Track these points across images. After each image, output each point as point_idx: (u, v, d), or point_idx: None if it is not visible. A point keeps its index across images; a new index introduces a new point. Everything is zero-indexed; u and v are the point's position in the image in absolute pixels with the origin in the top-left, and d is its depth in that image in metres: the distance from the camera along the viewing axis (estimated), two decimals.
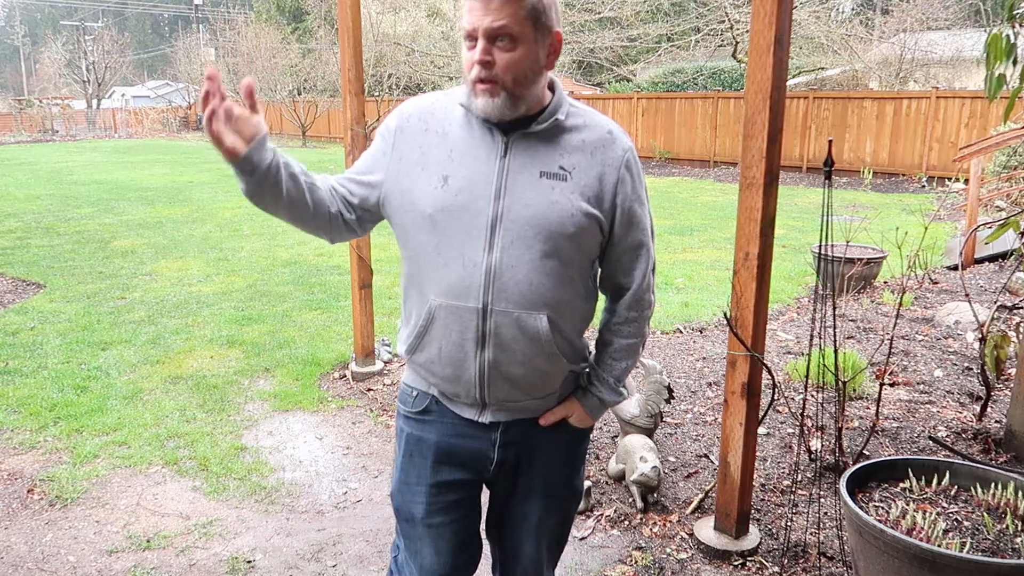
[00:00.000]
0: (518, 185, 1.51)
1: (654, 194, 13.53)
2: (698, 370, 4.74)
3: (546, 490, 1.75)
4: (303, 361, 4.92)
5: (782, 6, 2.40)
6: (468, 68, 1.49)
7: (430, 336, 1.57)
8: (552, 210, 1.51)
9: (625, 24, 22.20)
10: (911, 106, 15.06)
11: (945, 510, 2.38)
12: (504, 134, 1.53)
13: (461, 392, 1.61)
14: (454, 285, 1.52)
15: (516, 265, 1.51)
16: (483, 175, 1.52)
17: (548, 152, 1.54)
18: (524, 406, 1.64)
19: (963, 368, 4.67)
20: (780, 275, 7.05)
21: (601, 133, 1.58)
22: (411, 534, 1.73)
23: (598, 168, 1.56)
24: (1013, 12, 2.95)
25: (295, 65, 28.90)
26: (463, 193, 1.51)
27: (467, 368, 1.56)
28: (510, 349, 1.54)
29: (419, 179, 1.55)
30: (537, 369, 1.58)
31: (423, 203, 1.53)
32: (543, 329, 1.54)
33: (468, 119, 1.56)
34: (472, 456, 1.67)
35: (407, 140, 1.59)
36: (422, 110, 1.61)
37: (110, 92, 41.28)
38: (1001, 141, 7.32)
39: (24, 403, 4.25)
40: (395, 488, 1.74)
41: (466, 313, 1.52)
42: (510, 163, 1.52)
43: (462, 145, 1.54)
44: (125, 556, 2.87)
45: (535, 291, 1.52)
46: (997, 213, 9.84)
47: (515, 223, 1.51)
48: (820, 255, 5.93)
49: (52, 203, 12.12)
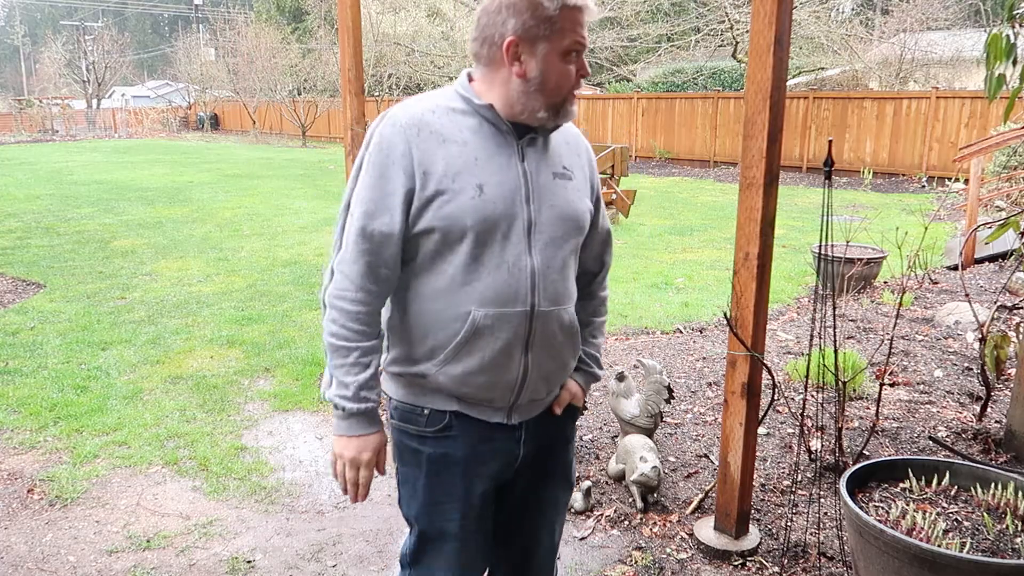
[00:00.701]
0: (541, 187, 1.56)
1: (654, 194, 13.53)
2: (698, 370, 4.74)
3: (560, 472, 1.82)
4: (303, 361, 4.92)
5: (782, 6, 2.40)
6: (571, 83, 1.53)
7: (471, 348, 1.53)
8: (571, 208, 1.60)
9: (625, 24, 22.20)
10: (911, 106, 15.06)
11: (945, 510, 2.38)
12: (518, 138, 1.55)
13: (496, 397, 1.60)
14: (501, 292, 1.51)
15: (551, 265, 1.56)
16: (512, 179, 1.53)
17: (550, 154, 1.60)
18: (545, 401, 1.71)
19: (963, 368, 4.67)
20: (780, 275, 7.05)
21: (573, 132, 1.69)
22: (441, 550, 1.68)
23: (585, 166, 1.68)
24: (1013, 12, 2.95)
25: (295, 65, 28.91)
26: (500, 200, 1.50)
27: (509, 373, 1.57)
28: (550, 347, 1.60)
29: (452, 192, 1.48)
30: (564, 363, 1.67)
31: (462, 215, 1.47)
32: (575, 321, 1.64)
33: (480, 124, 1.54)
34: (502, 459, 1.68)
35: (426, 156, 1.48)
36: (423, 120, 1.51)
37: (110, 92, 41.28)
38: (1001, 141, 7.33)
39: (24, 403, 4.25)
40: (419, 511, 1.67)
41: (516, 318, 1.53)
42: (528, 166, 1.55)
43: (484, 152, 1.52)
44: (125, 556, 2.87)
45: (566, 287, 1.61)
46: (997, 213, 9.85)
47: (547, 224, 1.55)
48: (820, 255, 5.93)
49: (52, 203, 12.12)
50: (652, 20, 23.45)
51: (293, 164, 19.64)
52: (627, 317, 5.84)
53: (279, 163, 19.91)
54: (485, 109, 1.54)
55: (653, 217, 10.97)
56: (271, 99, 29.93)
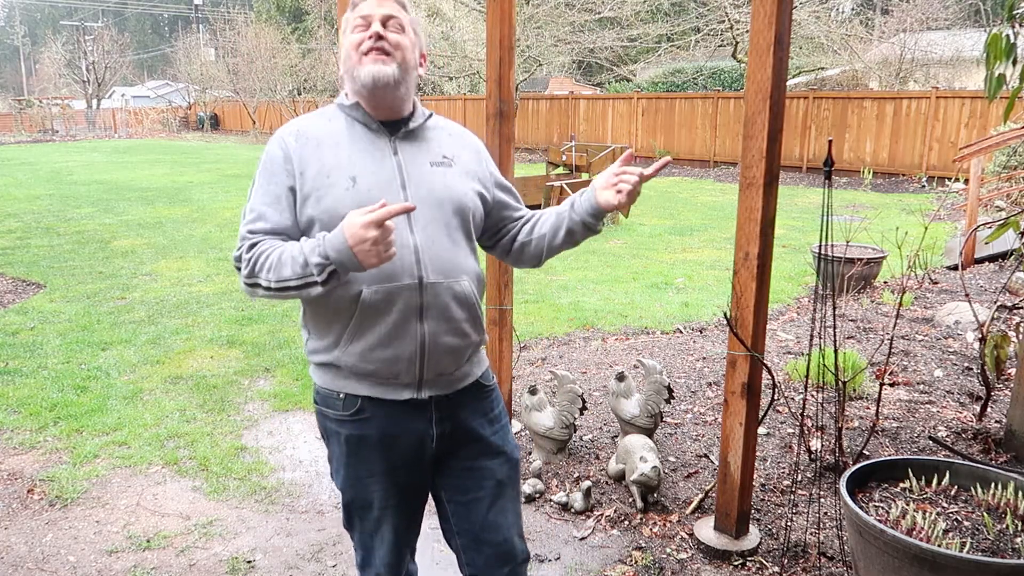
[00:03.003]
0: (416, 175, 1.72)
1: (654, 194, 13.54)
2: (698, 370, 4.74)
3: (487, 447, 1.84)
4: (303, 361, 4.92)
5: (782, 6, 2.40)
6: (356, 45, 1.69)
7: (367, 324, 1.66)
8: (450, 191, 1.74)
9: (625, 24, 22.17)
10: (911, 106, 15.06)
11: (945, 510, 2.38)
12: (389, 135, 1.73)
13: (400, 371, 1.69)
14: (386, 268, 1.62)
15: (436, 240, 1.69)
16: (386, 170, 1.70)
17: (428, 146, 1.78)
18: (454, 378, 1.78)
19: (963, 368, 4.67)
20: (780, 275, 7.05)
21: (458, 128, 1.89)
22: (369, 519, 1.82)
23: (471, 156, 1.85)
24: (1013, 12, 2.95)
25: (295, 65, 28.89)
26: (374, 189, 1.66)
27: (407, 344, 1.67)
28: (445, 317, 1.70)
29: (328, 187, 1.65)
30: (464, 333, 1.75)
31: (339, 206, 1.62)
32: (469, 292, 1.74)
33: (351, 128, 1.73)
34: (415, 437, 1.76)
35: (303, 159, 1.68)
36: (301, 131, 1.72)
37: (110, 92, 41.28)
38: (1001, 141, 7.32)
39: (24, 403, 4.25)
40: (345, 483, 1.81)
41: (405, 291, 1.65)
42: (403, 158, 1.73)
43: (357, 150, 1.70)
44: (125, 556, 2.87)
45: (456, 262, 1.72)
46: (997, 213, 9.85)
47: (425, 206, 1.69)
48: (820, 255, 5.93)
49: (52, 203, 12.12)
50: (652, 20, 23.42)
51: None
52: (627, 317, 5.84)
53: None
54: (352, 109, 1.73)
55: (653, 217, 10.97)
56: (271, 99, 29.92)
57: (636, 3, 19.14)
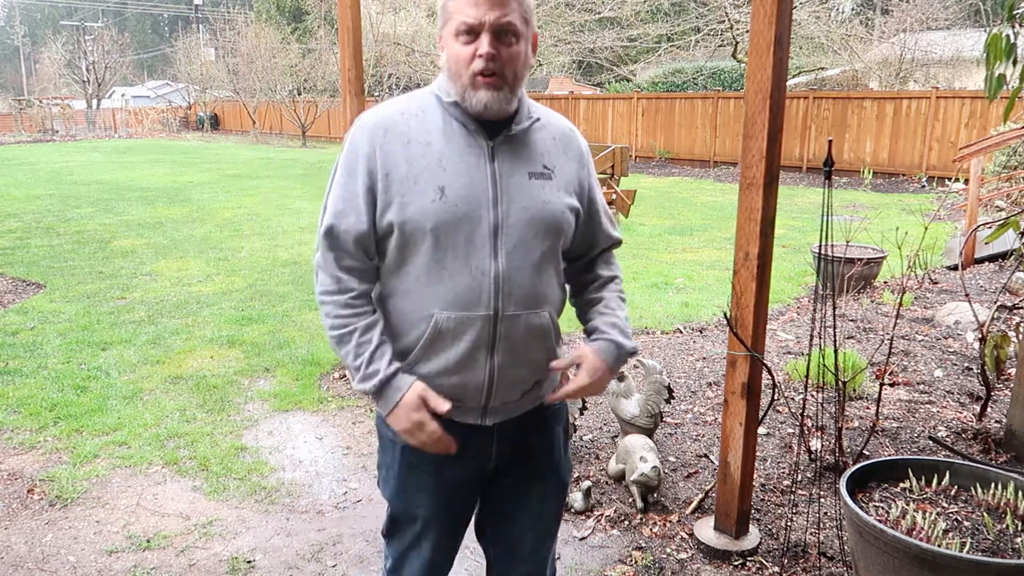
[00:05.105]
0: (512, 188, 1.54)
1: (654, 194, 13.54)
2: (698, 370, 4.74)
3: (544, 474, 1.79)
4: (303, 361, 4.92)
5: (782, 6, 2.40)
6: (466, 63, 1.49)
7: (436, 349, 1.56)
8: (546, 210, 1.57)
9: (625, 24, 22.19)
10: (911, 106, 15.06)
11: (945, 510, 2.38)
12: (489, 138, 1.55)
13: (466, 398, 1.61)
14: (462, 295, 1.52)
15: (521, 268, 1.55)
16: (478, 182, 1.52)
17: (529, 152, 1.59)
18: (520, 404, 1.68)
19: (963, 368, 4.67)
20: (780, 275, 7.05)
21: (564, 129, 1.68)
22: (410, 532, 1.75)
23: (573, 163, 1.65)
24: (1013, 12, 2.95)
25: (295, 65, 28.89)
26: (462, 203, 1.51)
27: (476, 376, 1.58)
28: (518, 351, 1.59)
29: (415, 194, 1.51)
30: (536, 366, 1.65)
31: (422, 218, 1.50)
32: (547, 325, 1.62)
33: (447, 124, 1.55)
34: (475, 459, 1.69)
35: (389, 158, 1.53)
36: (390, 121, 1.55)
37: (110, 92, 41.26)
38: (1001, 141, 7.33)
39: (24, 403, 4.25)
40: (394, 495, 1.74)
41: (478, 321, 1.54)
42: (499, 167, 1.55)
43: (450, 153, 1.53)
44: (125, 556, 2.87)
45: (538, 291, 1.58)
46: (997, 213, 9.85)
47: (515, 227, 1.54)
48: (820, 255, 5.93)
49: (52, 203, 12.12)
50: (652, 20, 23.44)
51: (293, 164, 19.64)
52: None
53: (279, 163, 19.91)
54: (451, 106, 1.56)
55: (653, 217, 10.97)
56: (271, 99, 29.91)
57: (636, 3, 19.17)
